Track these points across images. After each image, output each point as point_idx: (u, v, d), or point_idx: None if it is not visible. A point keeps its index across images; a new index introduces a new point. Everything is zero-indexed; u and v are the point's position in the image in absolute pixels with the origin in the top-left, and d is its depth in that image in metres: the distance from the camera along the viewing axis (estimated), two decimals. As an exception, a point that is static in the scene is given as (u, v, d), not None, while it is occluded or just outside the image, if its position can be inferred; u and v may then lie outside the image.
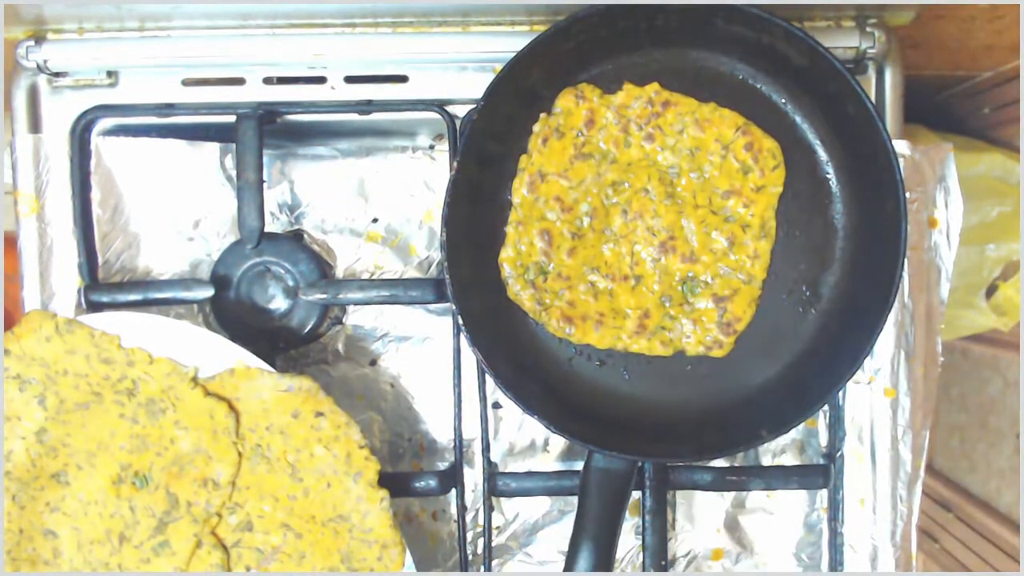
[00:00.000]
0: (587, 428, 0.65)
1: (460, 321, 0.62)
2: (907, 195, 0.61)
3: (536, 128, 0.66)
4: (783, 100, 0.66)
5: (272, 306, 0.69)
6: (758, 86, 0.66)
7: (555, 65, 0.65)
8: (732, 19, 0.62)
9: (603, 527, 0.64)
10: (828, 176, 0.67)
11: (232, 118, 0.67)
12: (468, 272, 0.64)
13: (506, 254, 0.65)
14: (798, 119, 0.66)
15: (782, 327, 0.67)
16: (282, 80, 0.69)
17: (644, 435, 0.66)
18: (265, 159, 0.67)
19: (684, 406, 0.66)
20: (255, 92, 0.69)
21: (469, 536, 0.70)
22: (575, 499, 0.71)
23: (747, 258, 0.66)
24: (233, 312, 0.69)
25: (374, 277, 0.71)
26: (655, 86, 0.66)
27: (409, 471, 0.71)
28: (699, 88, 0.66)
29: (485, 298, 0.66)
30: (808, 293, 0.67)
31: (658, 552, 0.68)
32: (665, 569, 0.68)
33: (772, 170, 0.66)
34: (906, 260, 0.69)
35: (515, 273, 0.65)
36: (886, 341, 0.70)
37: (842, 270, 0.66)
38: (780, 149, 0.66)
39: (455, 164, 0.62)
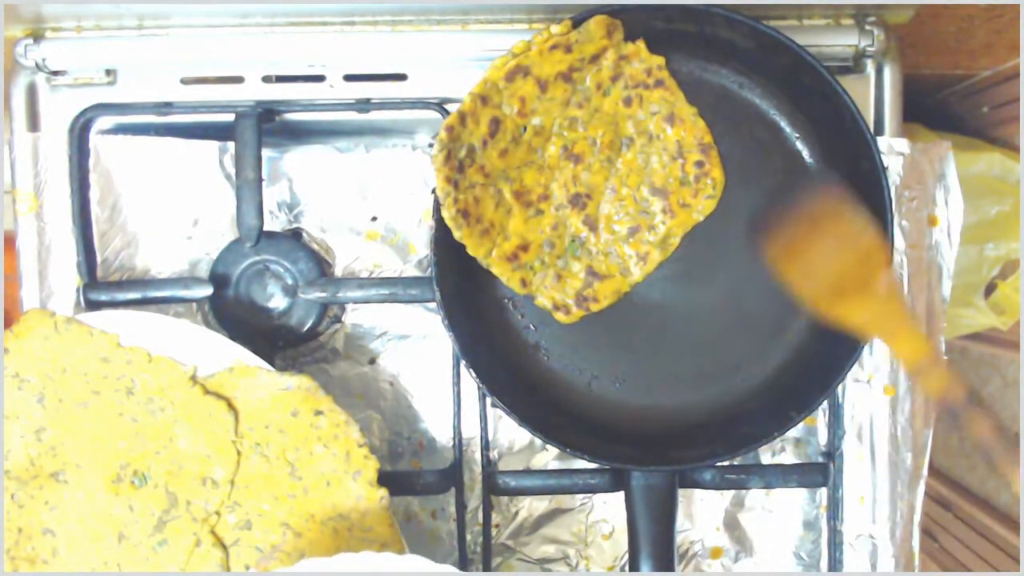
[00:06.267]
0: (620, 449, 0.65)
1: (480, 383, 0.63)
2: (887, 162, 0.62)
3: (554, 29, 0.63)
4: (737, 84, 0.66)
5: (271, 304, 0.69)
6: (717, 80, 0.66)
7: None
8: (671, 19, 0.63)
9: (658, 543, 0.64)
10: (799, 149, 0.67)
11: (231, 116, 0.67)
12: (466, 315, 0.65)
13: (451, 120, 0.62)
14: (756, 99, 0.66)
15: (790, 302, 0.66)
16: (281, 78, 0.69)
17: (677, 442, 0.66)
18: (264, 157, 0.67)
19: (711, 404, 0.65)
20: (254, 90, 0.69)
21: (468, 535, 0.70)
22: (574, 498, 0.72)
23: (636, 256, 0.66)
24: (232, 311, 0.69)
25: (373, 275, 0.71)
26: (660, 60, 0.65)
27: (408, 470, 0.71)
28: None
29: (492, 344, 0.66)
30: None
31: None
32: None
33: (705, 197, 0.66)
34: (905, 257, 0.70)
35: (446, 147, 0.62)
36: (885, 339, 0.70)
37: None
38: (723, 184, 0.66)
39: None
